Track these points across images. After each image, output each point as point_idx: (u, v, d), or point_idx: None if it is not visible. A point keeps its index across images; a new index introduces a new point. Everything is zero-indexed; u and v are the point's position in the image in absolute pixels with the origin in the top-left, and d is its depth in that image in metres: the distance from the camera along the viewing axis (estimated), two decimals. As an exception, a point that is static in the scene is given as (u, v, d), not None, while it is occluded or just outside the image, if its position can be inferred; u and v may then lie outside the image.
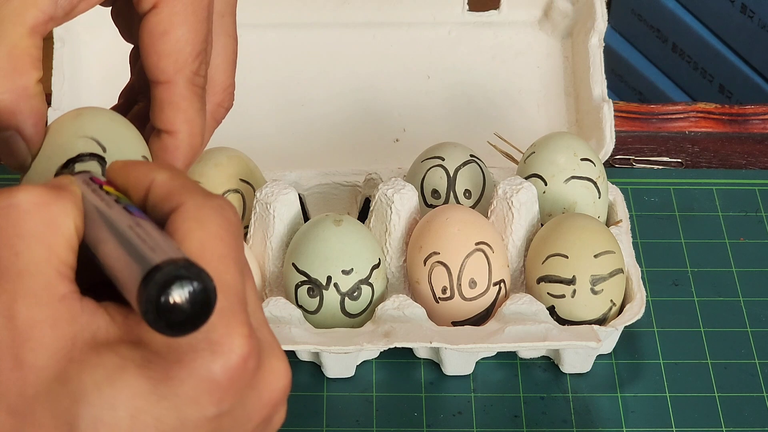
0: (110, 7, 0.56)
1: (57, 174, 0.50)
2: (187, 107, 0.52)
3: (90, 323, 0.43)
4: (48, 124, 0.52)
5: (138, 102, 0.57)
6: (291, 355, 0.77)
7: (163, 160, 0.52)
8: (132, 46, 0.57)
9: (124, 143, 0.51)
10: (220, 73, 0.55)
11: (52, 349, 0.42)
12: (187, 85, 0.52)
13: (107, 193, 0.45)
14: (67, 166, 0.50)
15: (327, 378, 0.77)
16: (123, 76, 0.58)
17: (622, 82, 1.70)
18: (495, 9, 0.91)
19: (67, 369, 0.41)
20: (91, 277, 0.44)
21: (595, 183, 0.80)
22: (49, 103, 0.85)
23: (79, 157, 0.50)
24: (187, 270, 0.39)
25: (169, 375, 0.41)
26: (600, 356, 0.78)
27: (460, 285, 0.75)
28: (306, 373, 0.77)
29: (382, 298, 0.76)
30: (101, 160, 0.50)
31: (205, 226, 0.43)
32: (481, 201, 0.81)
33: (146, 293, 0.39)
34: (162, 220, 0.44)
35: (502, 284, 0.76)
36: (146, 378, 0.41)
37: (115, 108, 0.56)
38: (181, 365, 0.41)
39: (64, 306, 0.42)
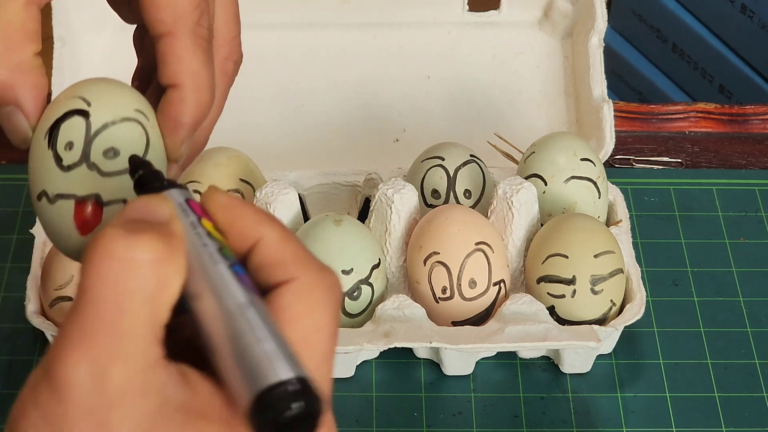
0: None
1: (47, 135, 0.49)
2: (191, 59, 0.50)
3: (174, 395, 0.40)
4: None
5: (150, 84, 0.55)
6: (291, 355, 0.77)
7: (168, 114, 0.50)
8: (134, 27, 0.57)
9: (112, 97, 0.49)
10: (222, 25, 0.53)
11: (137, 419, 0.39)
12: (189, 36, 0.50)
13: (208, 234, 0.42)
14: (55, 127, 0.49)
15: (327, 378, 0.77)
16: (123, 76, 0.58)
17: (622, 82, 1.70)
18: (495, 9, 0.91)
19: None
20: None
21: (595, 183, 0.80)
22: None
23: (65, 116, 0.49)
24: (308, 396, 0.39)
25: None
26: (600, 356, 0.78)
27: (460, 285, 0.75)
28: (306, 373, 0.77)
29: (382, 298, 0.76)
30: (85, 114, 0.48)
31: (315, 313, 0.41)
32: (481, 201, 0.81)
33: (264, 412, 0.38)
34: (264, 287, 0.42)
35: (502, 284, 0.76)
36: None
37: None
38: None
39: (154, 374, 0.40)
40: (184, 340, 0.43)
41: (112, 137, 0.48)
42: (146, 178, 0.46)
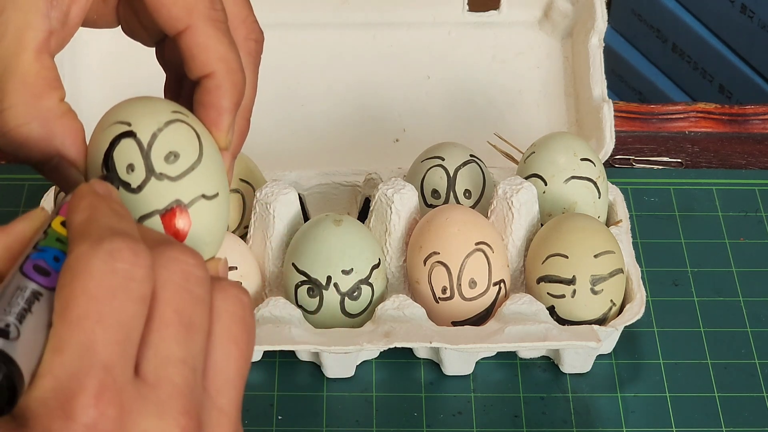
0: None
1: (103, 168, 0.49)
2: (216, 44, 0.50)
3: None
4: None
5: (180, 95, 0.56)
6: (291, 355, 0.77)
7: (208, 104, 0.50)
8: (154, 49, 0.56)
9: (147, 109, 0.49)
10: (232, 6, 0.53)
11: None
12: (207, 23, 0.50)
13: (45, 233, 0.44)
14: (108, 158, 0.49)
15: (327, 378, 0.77)
16: (123, 76, 0.58)
17: (622, 82, 1.70)
18: (495, 9, 0.91)
19: None
20: None
21: (595, 183, 0.80)
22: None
23: (112, 144, 0.49)
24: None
25: None
26: (600, 356, 0.78)
27: (460, 285, 0.75)
28: (306, 373, 0.77)
29: (382, 298, 0.76)
30: (131, 134, 0.49)
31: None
32: (481, 201, 0.81)
33: None
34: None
35: (502, 284, 0.76)
36: None
37: None
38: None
39: None
40: None
41: (166, 142, 0.49)
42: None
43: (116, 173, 0.49)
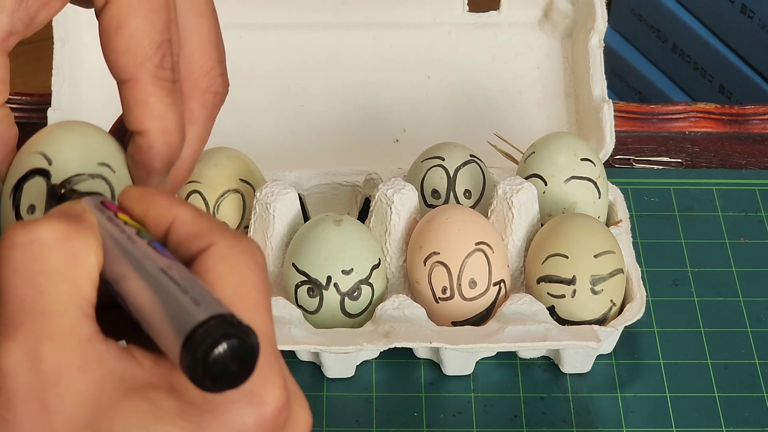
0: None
1: (11, 195, 0.47)
2: (155, 103, 0.48)
3: (117, 366, 0.41)
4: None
5: None
6: (291, 355, 0.77)
7: (139, 162, 0.49)
8: None
9: (73, 151, 0.48)
10: (197, 57, 0.52)
11: (81, 394, 0.40)
12: (151, 80, 0.48)
13: (125, 223, 0.43)
14: (18, 187, 0.47)
15: (327, 378, 0.77)
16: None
17: (622, 82, 1.70)
18: (495, 9, 0.91)
19: (96, 416, 0.40)
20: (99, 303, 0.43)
21: (595, 183, 0.80)
22: (49, 103, 0.85)
23: (27, 176, 0.47)
24: (234, 328, 0.38)
25: (203, 425, 0.40)
26: (600, 356, 0.78)
27: (460, 285, 0.75)
28: (306, 373, 0.77)
29: (382, 298, 0.76)
30: (45, 174, 0.47)
31: (237, 270, 0.42)
32: (481, 201, 0.81)
33: (192, 351, 0.38)
34: (187, 260, 0.42)
35: (502, 284, 0.76)
36: (180, 428, 0.40)
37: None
38: (215, 416, 0.40)
39: (90, 348, 0.40)
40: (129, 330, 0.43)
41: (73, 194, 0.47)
42: (64, 197, 0.46)
43: (19, 206, 0.47)
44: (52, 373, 0.40)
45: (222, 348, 0.38)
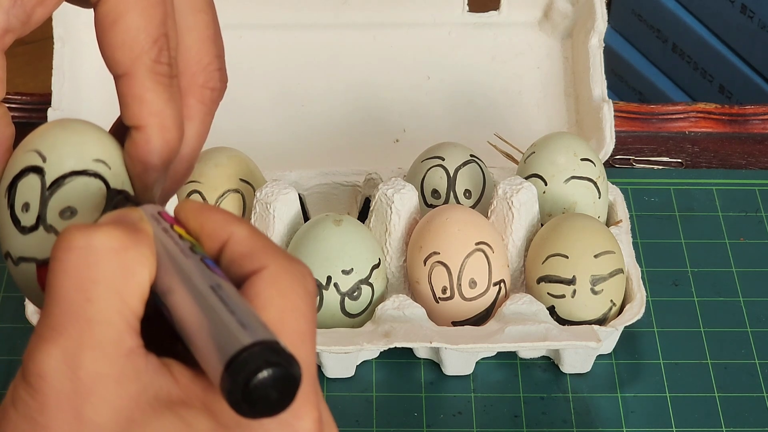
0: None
1: (6, 194, 0.47)
2: (153, 98, 0.47)
3: (153, 382, 0.40)
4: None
5: None
6: (291, 355, 0.77)
7: (135, 158, 0.48)
8: None
9: (68, 148, 0.47)
10: (195, 52, 0.51)
11: (114, 406, 0.39)
12: (148, 75, 0.47)
13: (180, 237, 0.43)
14: (12, 186, 0.47)
15: (327, 378, 0.77)
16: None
17: (622, 82, 1.70)
18: (495, 10, 0.91)
19: (127, 429, 0.39)
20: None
21: (595, 183, 0.80)
22: (49, 103, 0.85)
23: (21, 173, 0.47)
24: (279, 355, 0.38)
25: None
26: (600, 356, 0.78)
27: (460, 285, 0.75)
28: (306, 373, 0.77)
29: (382, 298, 0.76)
30: (39, 171, 0.46)
31: (286, 296, 0.41)
32: (481, 201, 0.81)
33: (234, 375, 0.38)
34: (238, 280, 0.42)
35: (502, 284, 0.76)
36: None
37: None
38: None
39: (130, 362, 0.40)
40: (169, 343, 0.43)
41: (68, 195, 0.46)
42: (121, 203, 0.46)
43: (13, 205, 0.47)
44: (89, 383, 0.39)
45: (264, 375, 0.38)
